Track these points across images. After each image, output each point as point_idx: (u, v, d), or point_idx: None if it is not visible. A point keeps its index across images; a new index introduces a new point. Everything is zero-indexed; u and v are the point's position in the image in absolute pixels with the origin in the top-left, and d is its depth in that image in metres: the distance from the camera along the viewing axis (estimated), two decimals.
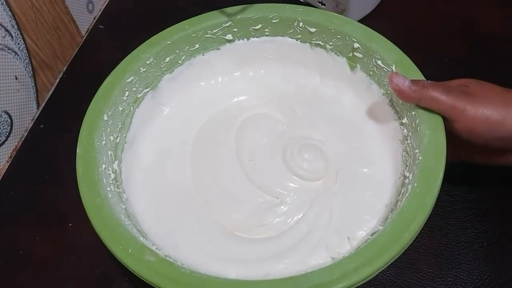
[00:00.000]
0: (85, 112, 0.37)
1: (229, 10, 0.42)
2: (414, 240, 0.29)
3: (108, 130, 0.37)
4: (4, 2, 0.43)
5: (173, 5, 0.57)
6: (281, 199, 0.38)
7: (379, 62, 0.38)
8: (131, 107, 0.40)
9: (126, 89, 0.39)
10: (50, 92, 0.51)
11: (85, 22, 0.57)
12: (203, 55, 0.44)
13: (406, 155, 0.36)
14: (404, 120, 0.36)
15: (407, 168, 0.34)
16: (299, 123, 0.42)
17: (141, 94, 0.41)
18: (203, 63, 0.44)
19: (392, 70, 0.37)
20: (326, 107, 0.43)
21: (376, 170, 0.38)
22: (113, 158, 0.38)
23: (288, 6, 0.41)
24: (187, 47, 0.42)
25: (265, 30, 0.43)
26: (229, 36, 0.43)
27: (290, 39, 0.43)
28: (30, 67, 0.48)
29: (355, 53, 0.40)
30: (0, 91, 0.44)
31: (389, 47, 0.38)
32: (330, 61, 0.42)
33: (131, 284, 0.38)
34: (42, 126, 0.49)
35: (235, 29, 0.43)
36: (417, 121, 0.34)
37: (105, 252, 0.30)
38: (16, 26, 0.45)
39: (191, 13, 0.42)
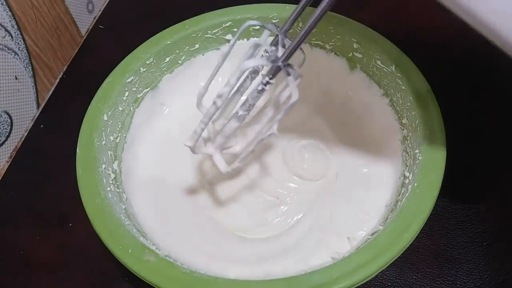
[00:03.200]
0: (85, 112, 0.37)
1: (229, 10, 0.42)
2: (414, 240, 0.29)
3: (108, 130, 0.37)
4: (4, 2, 0.43)
5: (173, 5, 0.57)
6: (281, 199, 0.38)
7: (379, 62, 0.38)
8: (131, 107, 0.40)
9: (126, 89, 0.39)
10: (50, 92, 0.51)
11: (85, 22, 0.57)
12: (203, 55, 0.44)
13: (406, 155, 0.36)
14: (404, 120, 0.36)
15: (407, 168, 0.34)
16: (299, 123, 0.42)
17: (141, 94, 0.41)
18: (203, 63, 0.44)
19: (392, 70, 0.37)
20: (326, 107, 0.43)
21: (376, 170, 0.38)
22: (113, 158, 0.38)
23: (288, 6, 0.41)
24: (187, 47, 0.42)
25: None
26: (229, 36, 0.43)
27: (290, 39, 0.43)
28: (30, 67, 0.48)
29: (355, 53, 0.40)
30: (0, 91, 0.44)
31: (389, 47, 0.38)
32: (330, 61, 0.42)
33: (131, 284, 0.38)
34: (42, 126, 0.49)
35: (235, 29, 0.43)
36: (417, 121, 0.34)
37: (105, 252, 0.30)
38: (16, 26, 0.45)
39: (191, 13, 0.42)
